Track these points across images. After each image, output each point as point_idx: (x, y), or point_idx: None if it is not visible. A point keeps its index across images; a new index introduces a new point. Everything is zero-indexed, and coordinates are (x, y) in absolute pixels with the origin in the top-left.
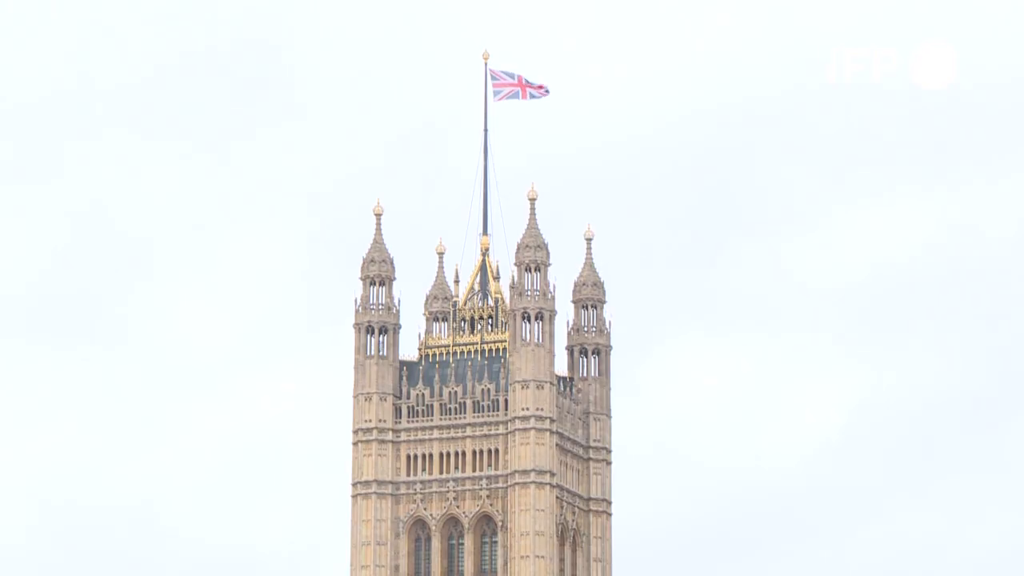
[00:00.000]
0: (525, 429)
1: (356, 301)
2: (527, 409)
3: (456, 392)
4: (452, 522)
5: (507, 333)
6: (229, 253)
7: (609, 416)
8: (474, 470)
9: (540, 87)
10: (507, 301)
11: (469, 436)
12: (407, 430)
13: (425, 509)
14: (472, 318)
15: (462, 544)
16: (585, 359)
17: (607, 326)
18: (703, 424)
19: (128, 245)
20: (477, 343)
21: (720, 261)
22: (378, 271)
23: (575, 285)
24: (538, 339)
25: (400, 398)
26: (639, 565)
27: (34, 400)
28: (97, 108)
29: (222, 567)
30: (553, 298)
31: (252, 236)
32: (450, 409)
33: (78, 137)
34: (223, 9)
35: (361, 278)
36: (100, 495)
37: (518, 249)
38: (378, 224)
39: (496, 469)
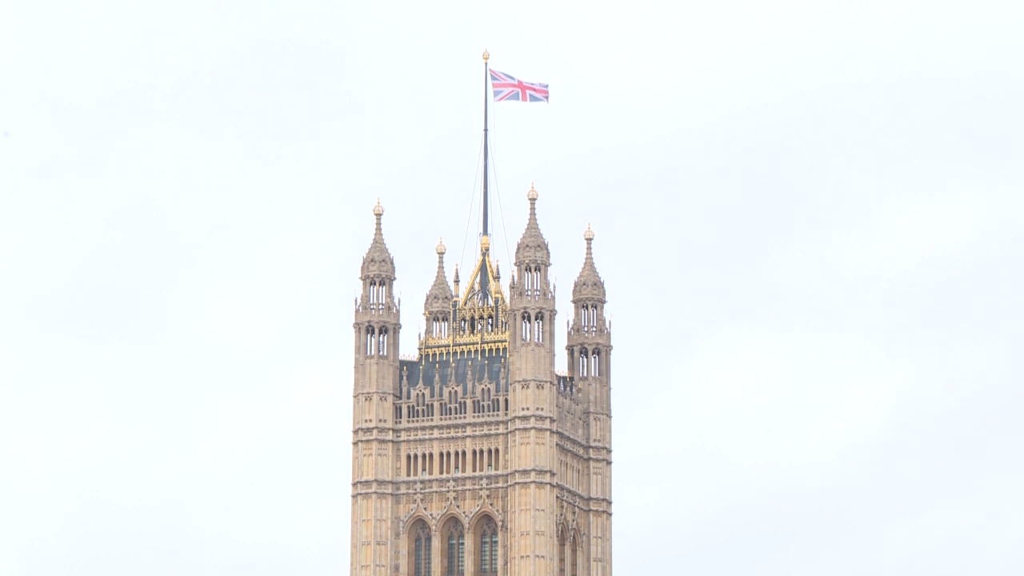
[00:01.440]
0: (525, 429)
1: (356, 301)
2: (527, 409)
3: (456, 392)
4: (452, 522)
5: (507, 333)
6: (242, 253)
7: (609, 416)
8: (474, 470)
9: (543, 89)
10: (507, 301)
11: (469, 436)
12: (407, 430)
13: (425, 509)
14: (472, 318)
15: (462, 544)
16: (585, 359)
17: (607, 326)
18: (713, 424)
19: (163, 243)
20: (477, 343)
21: (724, 260)
22: (378, 271)
23: (575, 285)
24: (538, 339)
25: (400, 398)
26: (639, 565)
27: (68, 395)
28: (138, 106)
29: (220, 566)
30: (553, 298)
31: (264, 236)
32: (450, 409)
33: (118, 135)
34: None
35: (361, 278)
36: (123, 492)
37: (518, 249)
38: (378, 224)
39: (496, 469)
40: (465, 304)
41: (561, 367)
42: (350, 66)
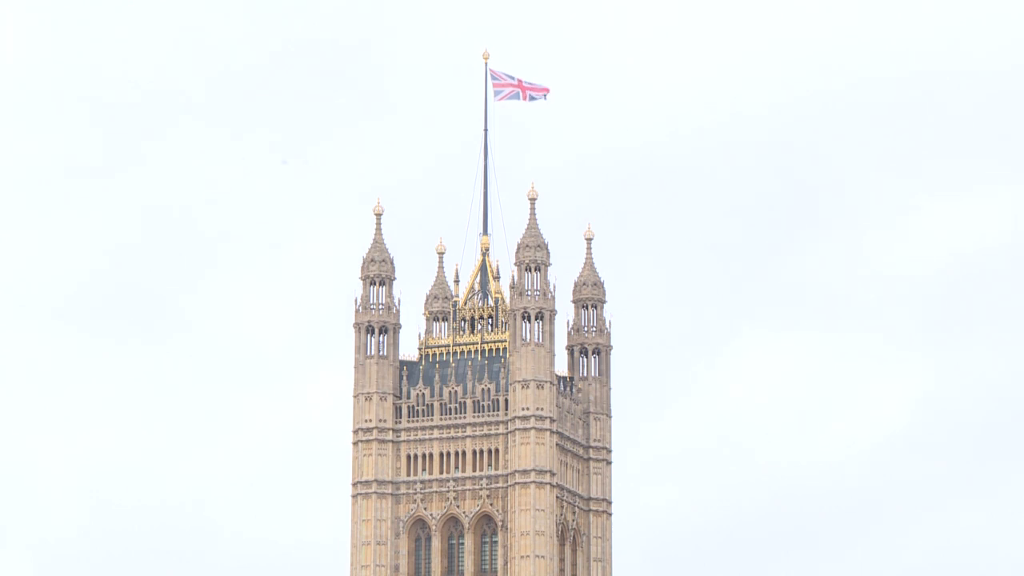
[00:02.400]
0: (525, 429)
1: (356, 301)
2: (527, 409)
3: (456, 392)
4: (452, 522)
5: (507, 333)
6: (241, 254)
7: (609, 416)
8: (474, 470)
9: (543, 89)
10: (507, 301)
11: (469, 436)
12: (407, 430)
13: (425, 509)
14: (472, 318)
15: (462, 544)
16: (585, 359)
17: (607, 326)
18: (715, 424)
19: (170, 244)
20: (477, 343)
21: (725, 260)
22: (378, 271)
23: (575, 285)
24: (538, 339)
25: (400, 398)
26: (639, 565)
27: (71, 395)
28: (168, 104)
29: (220, 566)
30: (553, 298)
31: (263, 237)
32: (450, 409)
33: (147, 134)
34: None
35: (361, 278)
36: (123, 492)
37: (518, 249)
38: (378, 224)
39: (496, 469)
40: (465, 304)
41: (561, 367)
42: (349, 67)
